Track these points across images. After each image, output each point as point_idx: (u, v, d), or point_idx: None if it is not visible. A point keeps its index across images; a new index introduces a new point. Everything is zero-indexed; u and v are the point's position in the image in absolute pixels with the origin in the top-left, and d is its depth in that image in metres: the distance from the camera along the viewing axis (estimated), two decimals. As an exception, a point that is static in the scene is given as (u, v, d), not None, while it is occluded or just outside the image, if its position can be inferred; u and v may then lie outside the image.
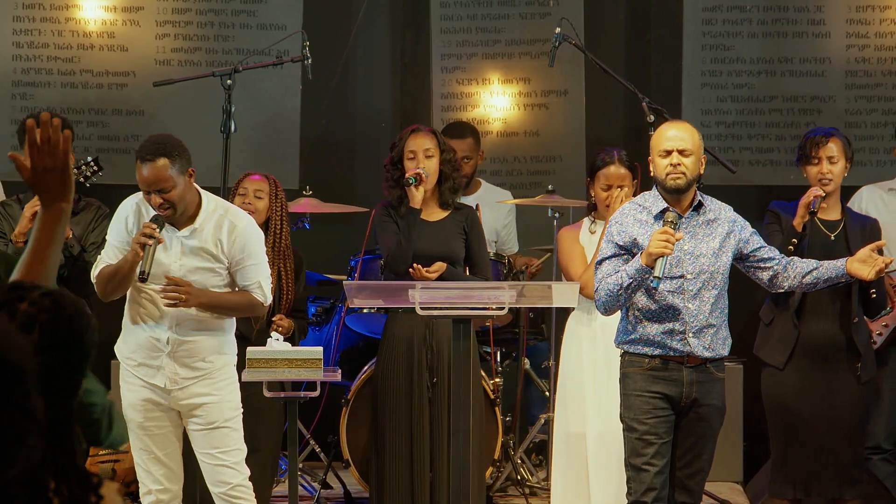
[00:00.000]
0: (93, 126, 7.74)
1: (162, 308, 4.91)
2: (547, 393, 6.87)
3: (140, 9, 7.83)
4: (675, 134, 4.88)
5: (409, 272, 5.62)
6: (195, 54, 7.87)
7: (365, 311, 6.49)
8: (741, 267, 4.99)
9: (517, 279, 6.78)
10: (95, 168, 6.16)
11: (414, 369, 5.72)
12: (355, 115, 8.26)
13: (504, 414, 6.79)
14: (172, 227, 4.92)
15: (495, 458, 6.52)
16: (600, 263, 4.87)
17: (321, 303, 6.96)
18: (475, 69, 8.09)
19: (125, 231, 4.97)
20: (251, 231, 5.02)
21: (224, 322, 5.03)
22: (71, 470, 1.99)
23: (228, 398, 5.00)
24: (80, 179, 6.06)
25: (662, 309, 4.80)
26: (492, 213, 6.97)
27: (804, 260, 5.02)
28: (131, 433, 4.99)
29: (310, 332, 6.55)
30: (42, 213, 2.76)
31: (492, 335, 6.58)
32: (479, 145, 7.22)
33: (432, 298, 4.78)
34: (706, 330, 4.81)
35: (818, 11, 7.94)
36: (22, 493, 1.92)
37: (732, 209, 5.00)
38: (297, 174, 7.80)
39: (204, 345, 4.96)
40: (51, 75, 7.79)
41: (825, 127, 5.98)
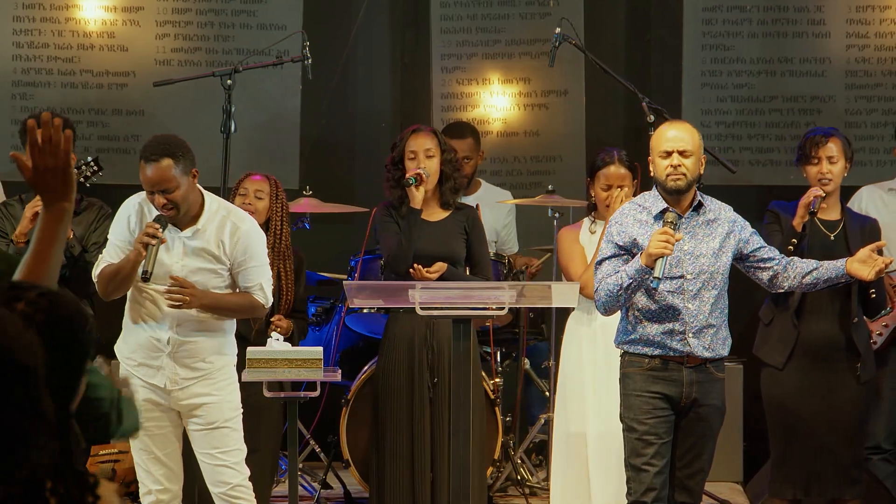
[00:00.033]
0: (93, 126, 7.74)
1: (163, 308, 4.91)
2: (547, 393, 6.87)
3: (140, 9, 7.83)
4: (675, 135, 4.88)
5: (410, 272, 5.63)
6: (195, 54, 7.87)
7: (365, 311, 6.50)
8: (741, 267, 4.99)
9: (517, 279, 6.78)
10: (95, 168, 6.15)
11: (415, 369, 5.72)
12: (355, 115, 8.26)
13: (504, 414, 6.79)
14: (175, 228, 4.92)
15: (495, 458, 6.52)
16: (600, 264, 4.87)
17: (321, 303, 6.97)
18: (475, 69, 8.09)
19: (127, 230, 4.97)
20: (253, 233, 5.02)
21: (224, 323, 5.03)
22: (68, 470, 1.99)
23: (228, 398, 5.00)
24: (81, 179, 6.06)
25: (662, 309, 4.80)
26: (492, 213, 6.97)
27: (804, 260, 5.01)
28: (131, 433, 4.99)
29: (310, 332, 6.55)
30: (44, 213, 2.76)
31: (492, 335, 6.58)
32: (479, 145, 7.22)
33: (432, 298, 4.78)
34: (706, 330, 4.81)
35: (818, 11, 7.94)
36: (21, 494, 1.92)
37: (732, 209, 5.00)
38: (297, 174, 7.80)
39: (204, 345, 4.97)
40: (51, 75, 7.78)
41: (825, 127, 5.98)
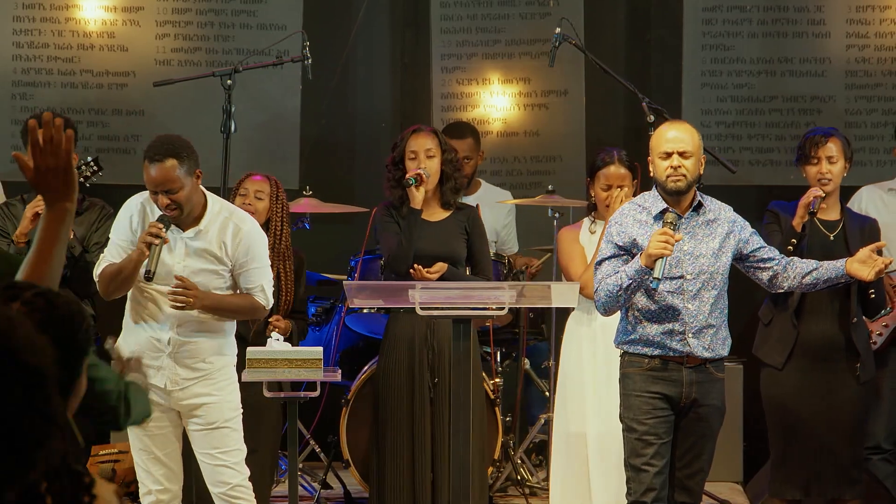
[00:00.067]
0: (93, 126, 7.74)
1: (164, 309, 4.91)
2: (547, 393, 6.86)
3: (140, 9, 7.83)
4: (675, 135, 4.87)
5: (410, 273, 5.63)
6: (195, 54, 7.86)
7: (365, 311, 6.50)
8: (741, 267, 4.98)
9: (517, 279, 6.78)
10: (95, 168, 6.16)
11: (415, 369, 5.72)
12: (355, 115, 8.26)
13: (504, 414, 6.79)
14: (177, 228, 4.92)
15: (495, 458, 6.52)
16: (600, 264, 4.87)
17: (321, 303, 6.97)
18: (475, 69, 8.09)
19: (129, 230, 4.96)
20: (255, 234, 5.02)
21: (225, 324, 5.03)
22: (64, 469, 1.99)
23: (228, 398, 5.00)
24: (81, 180, 6.05)
25: (662, 309, 4.80)
26: (492, 213, 6.97)
27: (804, 260, 5.01)
28: (131, 434, 4.99)
29: (310, 332, 6.55)
30: (46, 213, 2.76)
31: (492, 335, 6.58)
32: (480, 145, 7.22)
33: (432, 298, 4.78)
34: (706, 330, 4.81)
35: (818, 11, 7.94)
36: (19, 493, 1.92)
37: (732, 209, 5.00)
38: (297, 174, 7.80)
39: (205, 346, 4.97)
40: (51, 75, 7.78)
41: (824, 127, 5.97)
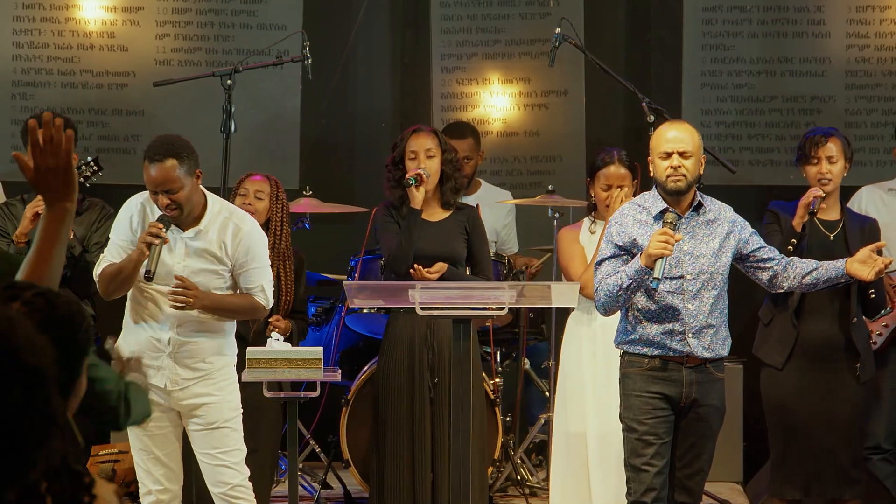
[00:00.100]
0: (93, 126, 7.74)
1: (164, 309, 4.91)
2: (547, 393, 6.86)
3: (140, 9, 7.83)
4: (675, 135, 4.87)
5: (410, 273, 5.62)
6: (195, 54, 7.86)
7: (365, 311, 6.50)
8: (741, 267, 4.98)
9: (517, 279, 6.78)
10: (95, 168, 6.16)
11: (415, 369, 5.72)
12: (355, 115, 8.26)
13: (504, 414, 6.79)
14: (177, 228, 4.92)
15: (495, 458, 6.52)
16: (600, 264, 4.87)
17: (321, 303, 6.96)
18: (475, 69, 8.09)
19: (129, 230, 4.96)
20: (255, 234, 5.02)
21: (225, 324, 5.03)
22: (63, 469, 1.99)
23: (228, 398, 5.00)
24: (80, 180, 6.05)
25: (662, 309, 4.80)
26: (492, 213, 6.97)
27: (804, 260, 5.01)
28: (131, 434, 4.99)
29: (310, 332, 6.55)
30: (46, 213, 2.76)
31: (492, 335, 6.58)
32: (480, 145, 7.22)
33: (432, 298, 4.78)
34: (706, 330, 4.80)
35: (818, 11, 7.94)
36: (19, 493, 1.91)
37: (732, 209, 5.00)
38: (297, 174, 7.80)
39: (205, 346, 4.97)
40: (51, 75, 7.78)
41: (824, 127, 5.97)
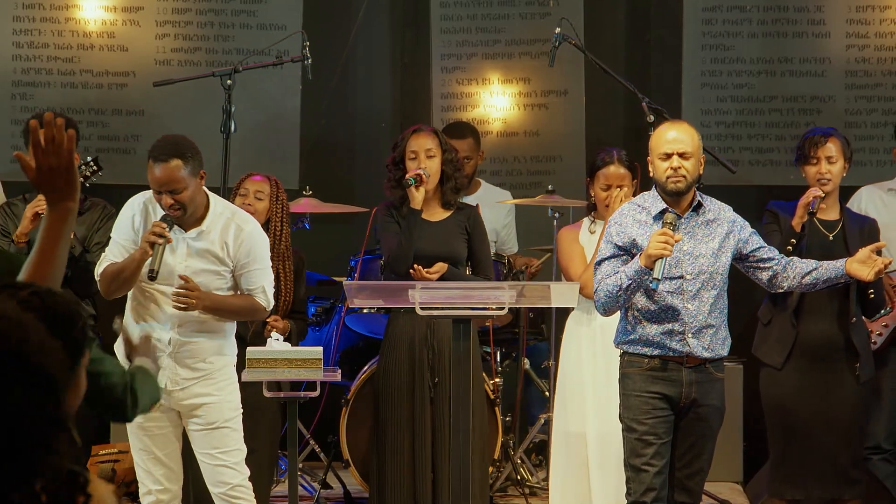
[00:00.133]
0: (93, 126, 7.74)
1: (165, 308, 4.91)
2: (547, 393, 6.86)
3: (140, 9, 7.83)
4: (675, 136, 4.86)
5: (410, 273, 5.62)
6: (195, 54, 7.86)
7: (365, 311, 6.50)
8: (741, 267, 4.98)
9: (517, 279, 6.78)
10: (95, 168, 6.16)
11: (416, 369, 5.72)
12: (355, 115, 8.25)
13: (504, 414, 6.79)
14: (179, 229, 4.92)
15: (495, 458, 6.52)
16: (599, 264, 4.87)
17: (321, 303, 6.96)
18: (475, 69, 8.09)
19: (131, 229, 4.96)
20: (257, 235, 5.03)
21: (225, 324, 5.03)
22: (57, 468, 1.99)
23: (229, 398, 5.00)
24: (80, 179, 6.04)
25: (662, 309, 4.79)
26: (492, 213, 6.97)
27: (804, 260, 5.01)
28: (131, 434, 4.99)
29: (310, 332, 6.55)
30: (49, 213, 2.76)
31: (492, 335, 6.58)
32: (480, 145, 7.22)
33: (432, 298, 4.78)
34: (705, 330, 4.80)
35: (818, 11, 7.94)
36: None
37: (732, 209, 4.99)
38: (297, 174, 7.80)
39: (205, 346, 4.97)
40: (51, 75, 7.78)
41: (824, 127, 5.98)
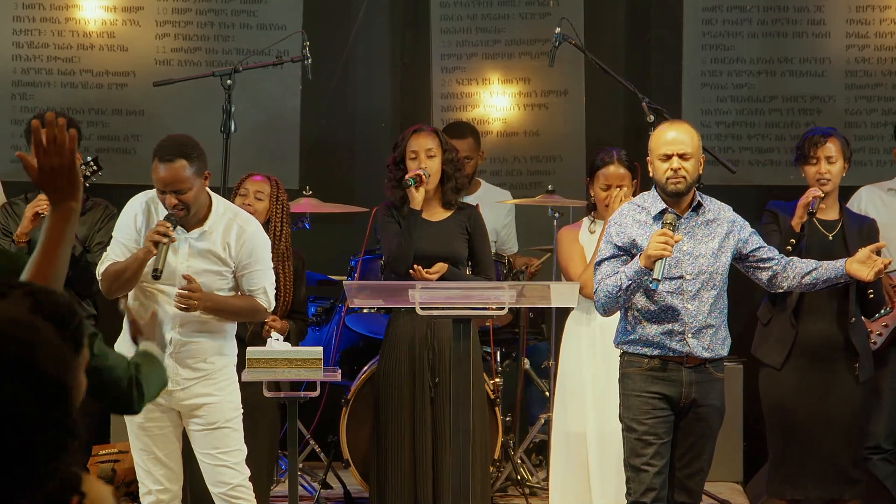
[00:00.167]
0: (93, 126, 7.73)
1: (167, 308, 4.90)
2: (547, 393, 6.86)
3: (140, 9, 7.83)
4: (675, 137, 4.86)
5: (410, 273, 5.62)
6: (195, 54, 7.86)
7: (365, 311, 6.50)
8: (740, 267, 4.98)
9: (517, 279, 6.78)
10: (95, 168, 6.16)
11: (416, 369, 5.72)
12: (355, 115, 8.25)
13: (504, 414, 6.79)
14: (182, 229, 4.92)
15: (495, 458, 6.52)
16: (599, 264, 4.87)
17: (321, 303, 6.96)
18: (475, 69, 8.09)
19: (134, 229, 4.96)
20: (259, 237, 5.03)
21: (226, 324, 5.03)
22: (65, 474, 1.99)
23: (229, 399, 5.00)
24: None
25: (661, 309, 4.79)
26: (492, 213, 6.96)
27: (803, 260, 5.01)
28: (131, 434, 4.99)
29: (310, 332, 6.54)
30: (52, 213, 2.77)
31: (492, 335, 6.58)
32: (480, 145, 7.22)
33: (432, 298, 4.78)
34: (705, 330, 4.80)
35: (818, 11, 7.94)
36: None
37: (732, 209, 4.99)
38: (297, 174, 7.80)
39: (206, 346, 4.97)
40: (51, 75, 7.78)
41: (823, 127, 5.98)
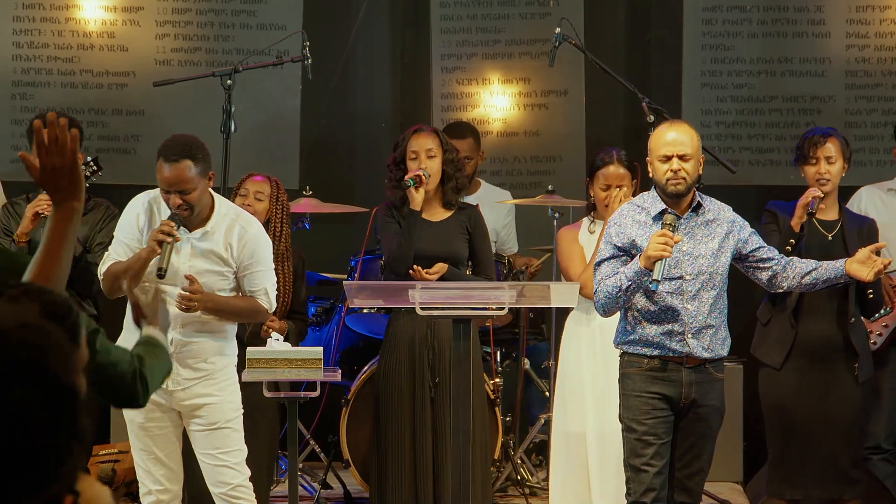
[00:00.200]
0: (93, 126, 7.73)
1: (168, 308, 4.90)
2: (547, 393, 6.86)
3: (140, 9, 7.83)
4: (675, 138, 4.85)
5: (410, 273, 5.62)
6: (195, 54, 7.86)
7: (365, 311, 6.50)
8: (740, 267, 4.98)
9: (517, 279, 6.78)
10: (95, 168, 6.16)
11: (416, 369, 5.72)
12: (355, 115, 8.25)
13: (504, 414, 6.79)
14: (184, 229, 4.91)
15: (495, 458, 6.52)
16: (599, 265, 4.87)
17: (321, 303, 6.97)
18: (475, 69, 8.09)
19: (136, 228, 4.95)
20: (261, 237, 5.03)
21: (227, 325, 5.03)
22: (71, 479, 1.99)
23: (230, 399, 5.00)
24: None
25: (661, 310, 4.79)
26: (492, 213, 6.96)
27: (803, 260, 5.01)
28: (131, 434, 4.99)
29: (310, 332, 6.55)
30: (54, 213, 2.77)
31: (492, 335, 6.58)
32: (480, 145, 7.22)
33: (432, 298, 4.78)
34: (705, 331, 4.80)
35: (818, 11, 7.94)
36: None
37: (731, 209, 4.99)
38: (297, 174, 7.80)
39: (206, 346, 4.96)
40: (51, 75, 7.78)
41: (823, 127, 5.98)
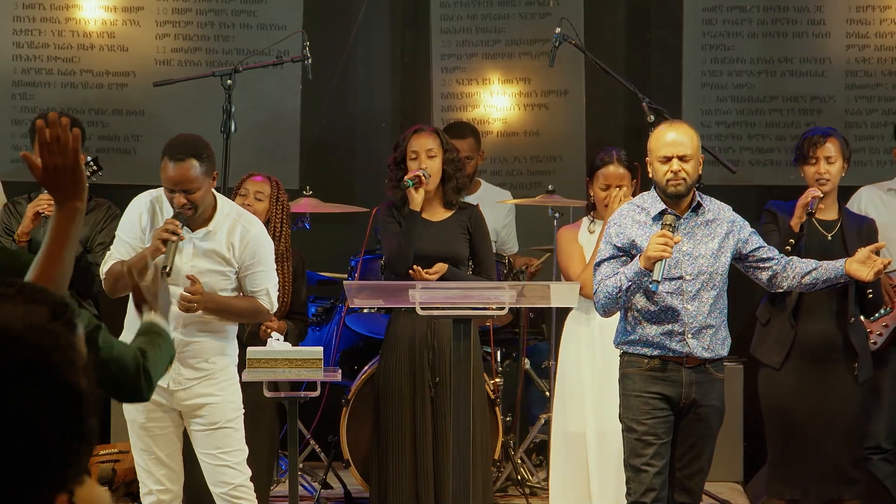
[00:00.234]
0: (93, 126, 7.72)
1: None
2: (547, 393, 6.87)
3: (140, 9, 7.83)
4: (675, 139, 4.85)
5: (410, 273, 5.62)
6: (195, 54, 7.86)
7: (365, 311, 6.50)
8: (740, 267, 4.98)
9: (517, 279, 6.78)
10: (95, 168, 6.16)
11: (416, 369, 5.72)
12: (355, 115, 8.25)
13: (504, 414, 6.79)
14: (186, 228, 4.92)
15: (495, 458, 6.52)
16: (599, 265, 4.87)
17: (321, 303, 6.97)
18: (475, 69, 8.09)
19: (139, 228, 4.95)
20: (263, 238, 5.03)
21: (228, 324, 5.03)
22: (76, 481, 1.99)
23: (231, 399, 5.00)
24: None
25: (661, 310, 4.79)
26: (492, 213, 6.95)
27: (803, 260, 5.01)
28: (132, 434, 4.98)
29: (310, 332, 6.55)
30: (56, 213, 2.77)
31: (492, 335, 6.58)
32: (480, 145, 7.22)
33: (432, 298, 4.78)
34: (705, 331, 4.80)
35: (818, 11, 7.94)
36: None
37: (731, 209, 4.99)
38: (297, 174, 7.80)
39: (207, 346, 4.96)
40: (51, 75, 7.78)
41: (823, 127, 5.98)
